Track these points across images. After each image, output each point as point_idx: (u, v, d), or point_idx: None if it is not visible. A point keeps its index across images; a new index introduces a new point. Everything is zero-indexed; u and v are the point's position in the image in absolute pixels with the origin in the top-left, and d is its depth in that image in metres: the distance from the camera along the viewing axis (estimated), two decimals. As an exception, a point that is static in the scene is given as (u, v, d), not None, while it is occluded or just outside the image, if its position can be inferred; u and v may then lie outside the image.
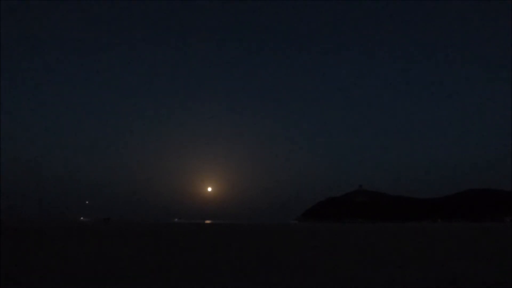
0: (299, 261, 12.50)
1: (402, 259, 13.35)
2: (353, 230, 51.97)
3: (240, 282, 8.44)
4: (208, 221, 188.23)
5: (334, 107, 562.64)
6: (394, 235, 34.01)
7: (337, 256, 14.20)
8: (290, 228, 59.39)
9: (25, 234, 29.29)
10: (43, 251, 15.44)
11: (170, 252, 15.42)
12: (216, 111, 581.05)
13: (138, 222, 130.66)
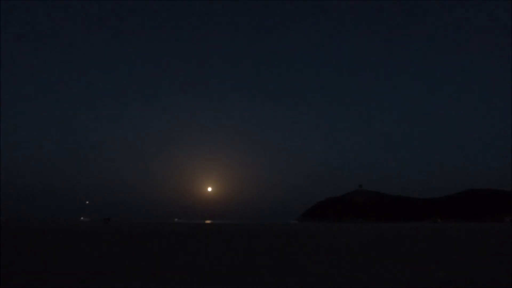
0: (299, 261, 12.50)
1: (402, 259, 13.35)
2: (353, 230, 51.97)
3: (240, 282, 8.44)
4: (208, 221, 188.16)
5: (334, 107, 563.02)
6: (394, 235, 34.01)
7: (337, 256, 14.20)
8: (290, 228, 59.39)
9: (25, 234, 29.29)
10: (43, 251, 15.44)
11: (170, 252, 15.42)
12: (217, 111, 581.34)
13: (138, 222, 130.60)
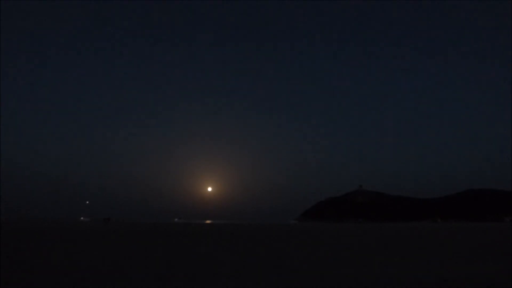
0: (299, 261, 12.51)
1: (402, 259, 13.35)
2: (353, 230, 51.97)
3: (240, 282, 8.44)
4: (208, 221, 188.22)
5: (334, 107, 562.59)
6: (394, 235, 34.02)
7: (337, 256, 14.20)
8: (290, 228, 59.39)
9: (25, 234, 29.30)
10: (43, 251, 15.44)
11: (170, 252, 15.43)
12: (217, 111, 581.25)
13: (138, 222, 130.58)
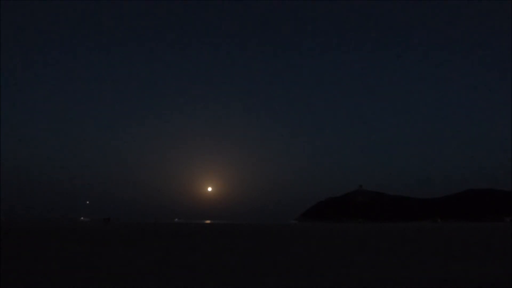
0: (299, 261, 12.51)
1: (401, 259, 13.36)
2: (353, 230, 51.98)
3: (240, 282, 8.45)
4: (208, 221, 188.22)
5: (334, 107, 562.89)
6: (394, 235, 34.03)
7: (337, 256, 14.20)
8: (290, 228, 59.40)
9: (25, 234, 29.31)
10: (43, 251, 15.44)
11: (170, 252, 15.43)
12: (217, 111, 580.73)
13: (138, 222, 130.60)
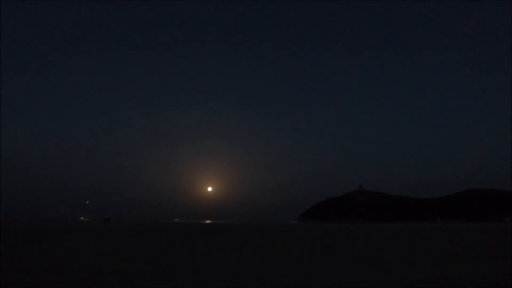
0: (299, 261, 12.51)
1: (401, 259, 13.35)
2: (353, 230, 51.98)
3: (240, 282, 8.45)
4: (208, 221, 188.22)
5: (334, 107, 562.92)
6: (394, 235, 34.02)
7: (336, 256, 14.20)
8: (290, 228, 59.39)
9: (25, 234, 29.30)
10: (43, 251, 15.44)
11: (170, 252, 15.43)
12: (216, 111, 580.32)
13: (138, 222, 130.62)
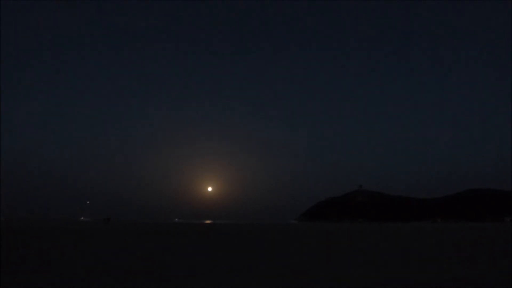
0: (299, 261, 12.51)
1: (402, 259, 13.35)
2: (353, 230, 51.97)
3: (240, 282, 8.44)
4: (208, 221, 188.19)
5: (334, 107, 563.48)
6: (394, 235, 34.02)
7: (337, 256, 14.20)
8: (290, 228, 59.38)
9: (25, 234, 29.29)
10: (43, 251, 15.44)
11: (170, 252, 15.43)
12: (217, 111, 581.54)
13: (138, 222, 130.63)
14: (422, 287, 7.97)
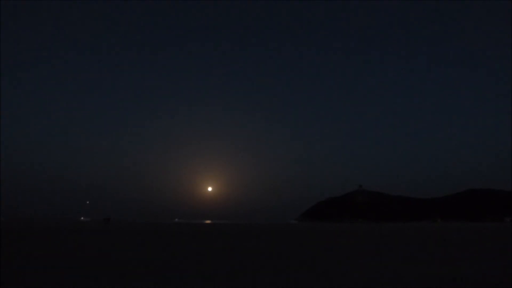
0: (299, 261, 12.51)
1: (402, 259, 13.35)
2: (353, 230, 51.98)
3: (240, 282, 8.44)
4: (208, 221, 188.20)
5: (334, 107, 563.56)
6: (394, 235, 34.02)
7: (337, 256, 14.20)
8: (290, 228, 59.39)
9: (25, 234, 29.30)
10: (43, 251, 15.44)
11: (170, 252, 15.43)
12: (217, 111, 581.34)
13: (138, 222, 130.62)
14: (422, 287, 7.98)
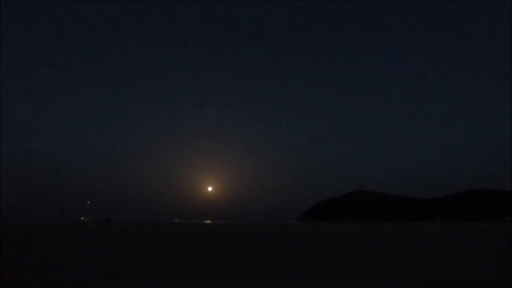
0: (299, 261, 12.51)
1: (402, 259, 13.35)
2: (353, 230, 51.98)
3: (240, 282, 8.44)
4: (208, 221, 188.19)
5: (334, 107, 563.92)
6: (394, 235, 34.01)
7: (337, 256, 14.19)
8: (290, 228, 59.39)
9: (25, 234, 29.30)
10: (43, 251, 15.44)
11: (170, 252, 15.43)
12: (217, 111, 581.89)
13: (138, 222, 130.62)
14: (422, 287, 7.98)
